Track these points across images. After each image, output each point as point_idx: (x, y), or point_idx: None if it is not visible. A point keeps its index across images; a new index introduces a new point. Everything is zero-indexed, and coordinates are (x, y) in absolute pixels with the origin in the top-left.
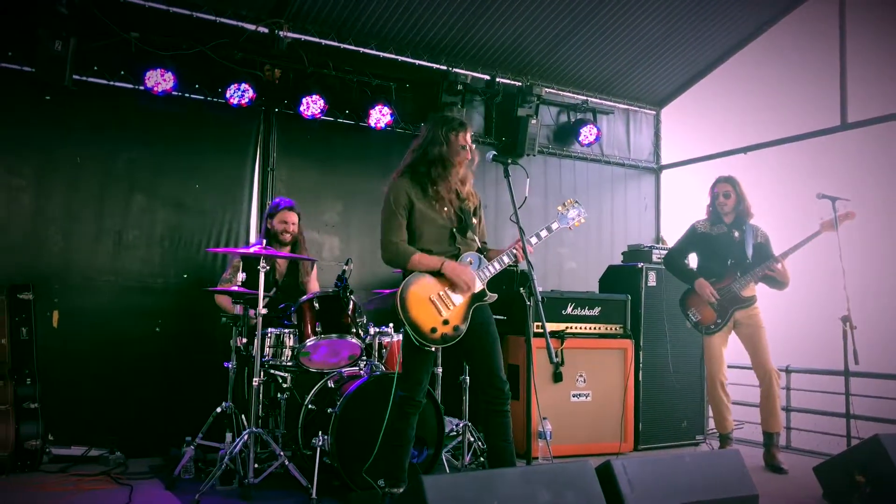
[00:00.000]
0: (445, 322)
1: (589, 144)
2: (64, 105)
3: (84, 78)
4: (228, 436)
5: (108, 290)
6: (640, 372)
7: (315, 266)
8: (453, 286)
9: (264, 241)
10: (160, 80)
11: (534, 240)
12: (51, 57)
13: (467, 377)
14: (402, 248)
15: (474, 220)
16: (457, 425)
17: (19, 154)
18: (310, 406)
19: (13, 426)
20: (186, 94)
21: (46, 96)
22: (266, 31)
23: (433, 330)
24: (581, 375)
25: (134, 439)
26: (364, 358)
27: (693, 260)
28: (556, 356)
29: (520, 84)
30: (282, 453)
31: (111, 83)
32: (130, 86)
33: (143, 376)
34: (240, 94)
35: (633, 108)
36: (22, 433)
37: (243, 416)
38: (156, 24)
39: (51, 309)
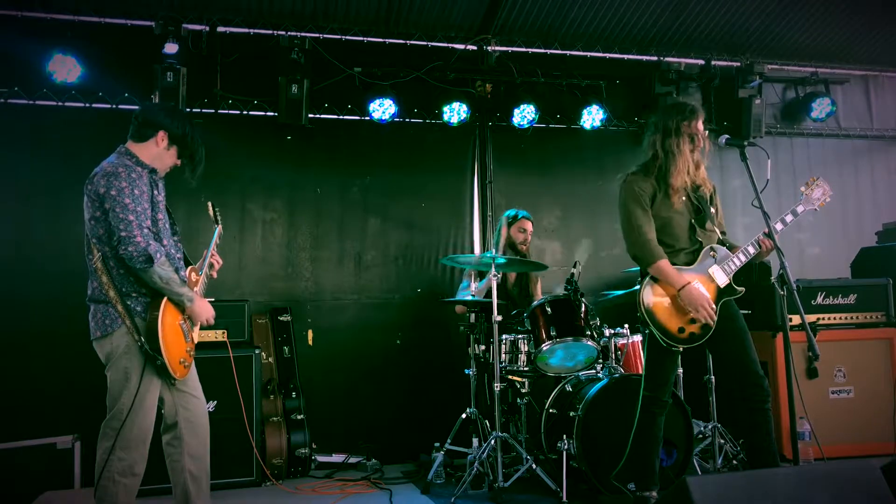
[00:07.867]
0: (693, 321)
1: (822, 118)
2: (302, 142)
3: (317, 115)
4: (475, 441)
5: (353, 307)
6: None
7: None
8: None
9: (504, 251)
10: (383, 109)
11: (779, 226)
12: (290, 101)
13: (712, 376)
14: (651, 248)
15: (712, 210)
16: (704, 427)
17: (271, 191)
18: (551, 410)
19: (285, 436)
20: (407, 119)
21: (288, 136)
22: (475, 48)
23: (681, 330)
24: (840, 370)
25: (386, 446)
26: (601, 360)
27: None
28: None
29: (738, 64)
30: (528, 457)
31: (340, 117)
32: (357, 117)
33: (390, 386)
34: (455, 112)
35: (872, 72)
36: (292, 442)
37: (486, 421)
38: (375, 56)
39: (305, 328)
